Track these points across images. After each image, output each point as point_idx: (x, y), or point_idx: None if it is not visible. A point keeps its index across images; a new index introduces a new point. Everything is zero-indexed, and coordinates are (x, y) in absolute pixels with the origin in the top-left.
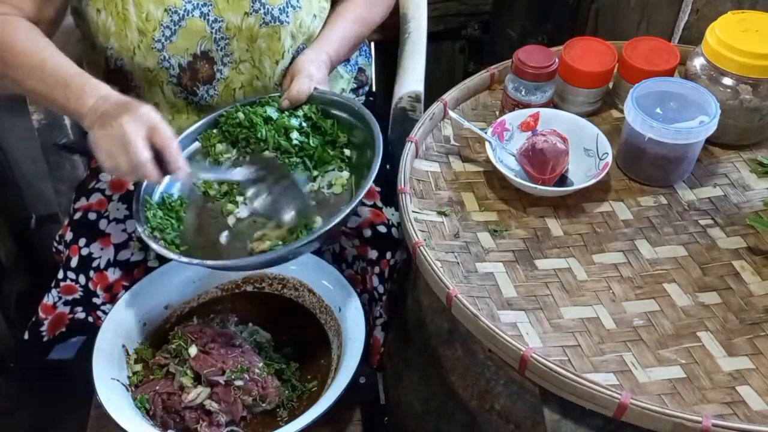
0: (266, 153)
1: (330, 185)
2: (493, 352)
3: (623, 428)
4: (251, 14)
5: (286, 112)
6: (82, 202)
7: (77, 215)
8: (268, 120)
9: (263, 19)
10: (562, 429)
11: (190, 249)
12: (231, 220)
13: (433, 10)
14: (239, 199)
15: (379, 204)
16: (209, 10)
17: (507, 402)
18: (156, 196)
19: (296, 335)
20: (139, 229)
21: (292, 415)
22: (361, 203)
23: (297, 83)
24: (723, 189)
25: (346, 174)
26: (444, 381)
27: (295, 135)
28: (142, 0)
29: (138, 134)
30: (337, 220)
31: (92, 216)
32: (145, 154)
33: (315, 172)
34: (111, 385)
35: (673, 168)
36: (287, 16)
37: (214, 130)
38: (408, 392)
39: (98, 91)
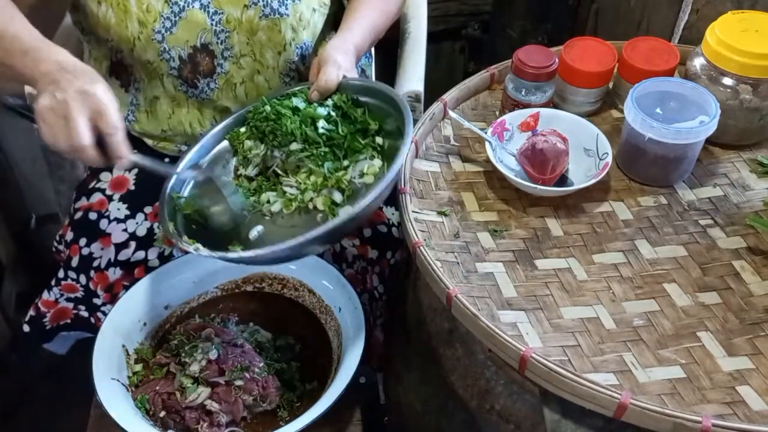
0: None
1: (361, 175)
2: (493, 352)
3: (623, 428)
4: (250, 6)
5: (315, 103)
6: (83, 201)
7: (78, 215)
8: (295, 111)
9: (263, 11)
10: (562, 429)
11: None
12: (266, 216)
13: (433, 10)
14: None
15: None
16: (209, 2)
17: (507, 402)
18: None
19: (296, 335)
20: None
21: (293, 415)
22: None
23: (325, 73)
24: (723, 189)
25: (378, 162)
26: (444, 381)
27: (321, 124)
28: None
29: (81, 115)
30: (377, 193)
31: (93, 216)
32: (85, 138)
33: (345, 162)
34: (111, 385)
35: (673, 168)
36: (287, 9)
37: (242, 129)
38: (408, 392)
39: (56, 57)
